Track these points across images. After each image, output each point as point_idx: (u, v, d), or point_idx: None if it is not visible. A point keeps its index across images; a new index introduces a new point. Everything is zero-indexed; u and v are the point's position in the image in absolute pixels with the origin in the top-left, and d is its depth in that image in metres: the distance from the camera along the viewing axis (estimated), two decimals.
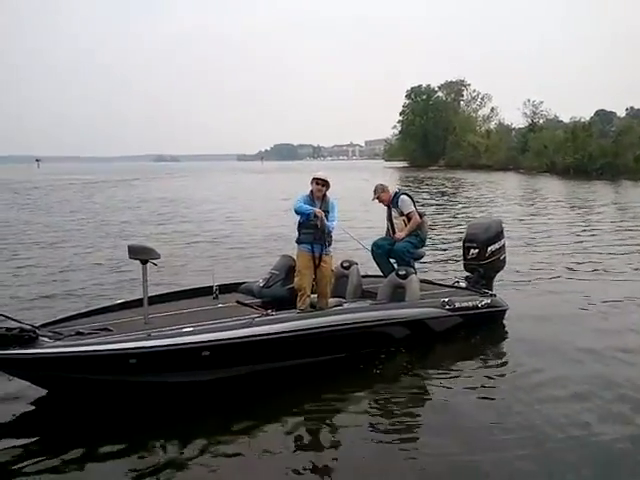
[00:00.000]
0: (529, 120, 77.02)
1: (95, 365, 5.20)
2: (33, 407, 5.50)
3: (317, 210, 6.53)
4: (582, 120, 65.33)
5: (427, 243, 8.55)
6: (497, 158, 75.14)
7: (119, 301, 6.84)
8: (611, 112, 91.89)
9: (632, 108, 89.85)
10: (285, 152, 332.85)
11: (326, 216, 6.59)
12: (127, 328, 5.79)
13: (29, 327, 5.23)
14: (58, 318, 6.18)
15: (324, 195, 6.72)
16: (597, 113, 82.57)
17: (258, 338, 5.78)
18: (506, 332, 7.60)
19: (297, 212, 6.64)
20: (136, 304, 6.44)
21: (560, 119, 77.14)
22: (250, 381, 5.83)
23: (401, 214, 8.09)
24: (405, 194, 8.26)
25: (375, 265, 8.25)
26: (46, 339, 5.32)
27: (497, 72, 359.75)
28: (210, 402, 5.56)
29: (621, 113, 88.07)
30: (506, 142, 78.69)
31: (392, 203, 8.18)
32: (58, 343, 5.28)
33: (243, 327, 5.78)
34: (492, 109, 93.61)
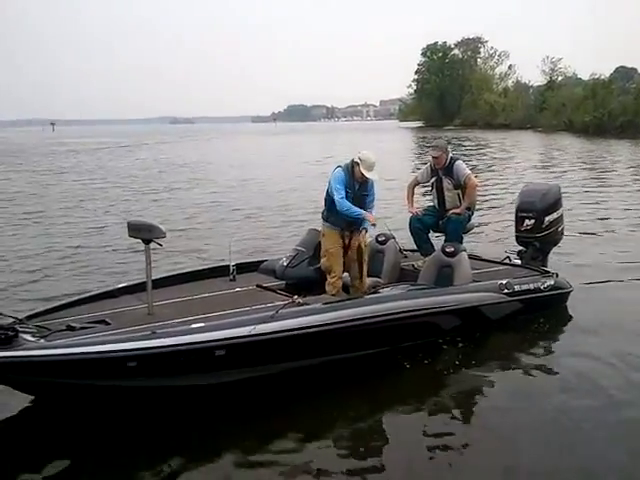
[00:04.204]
0: (547, 78, 74.53)
1: (86, 369, 4.29)
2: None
3: (369, 216, 5.71)
4: (602, 77, 62.83)
5: None
6: (514, 117, 73.23)
7: (120, 285, 5.89)
8: (632, 69, 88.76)
9: None
10: (299, 113, 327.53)
11: (364, 198, 5.79)
12: (127, 320, 4.88)
13: (9, 322, 4.43)
14: (48, 307, 5.28)
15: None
16: (617, 70, 79.52)
17: (284, 334, 4.79)
18: (571, 317, 6.54)
19: (341, 211, 5.66)
20: (140, 289, 5.51)
21: (579, 76, 74.71)
22: (274, 381, 4.88)
23: (456, 187, 6.77)
24: (459, 159, 6.96)
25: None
26: (29, 337, 4.40)
27: (515, 28, 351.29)
28: (224, 408, 4.66)
29: None
30: (523, 101, 76.75)
31: (445, 170, 6.83)
32: (42, 343, 4.35)
33: (265, 321, 4.77)
34: (509, 67, 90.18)
